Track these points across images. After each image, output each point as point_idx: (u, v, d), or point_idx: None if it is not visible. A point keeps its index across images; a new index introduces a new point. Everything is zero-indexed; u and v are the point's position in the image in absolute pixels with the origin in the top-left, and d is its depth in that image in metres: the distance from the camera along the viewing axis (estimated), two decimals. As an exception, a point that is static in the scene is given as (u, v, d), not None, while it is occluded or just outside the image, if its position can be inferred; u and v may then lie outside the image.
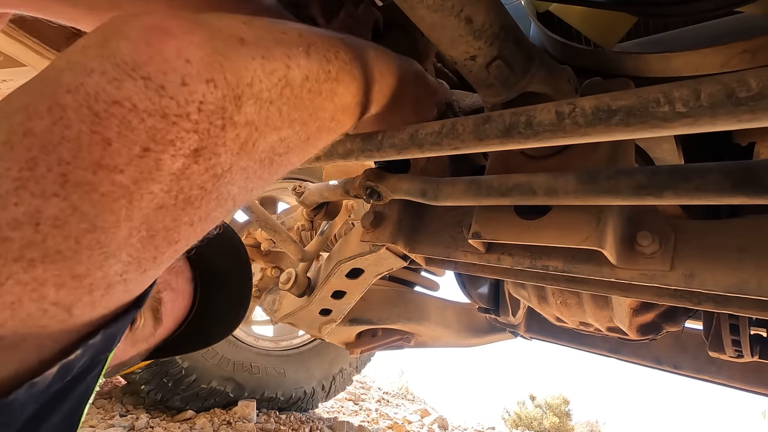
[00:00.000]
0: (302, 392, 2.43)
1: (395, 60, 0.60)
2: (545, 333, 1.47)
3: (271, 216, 1.41)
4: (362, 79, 0.50)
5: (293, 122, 0.39)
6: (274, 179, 0.42)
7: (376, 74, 0.53)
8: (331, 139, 0.49)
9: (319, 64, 0.42)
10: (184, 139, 0.30)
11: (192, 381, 2.02)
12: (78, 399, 0.37)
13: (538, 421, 11.57)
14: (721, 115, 0.34)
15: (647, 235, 0.61)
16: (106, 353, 0.38)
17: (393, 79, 0.58)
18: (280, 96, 0.37)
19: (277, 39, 0.38)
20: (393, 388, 5.63)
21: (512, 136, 0.46)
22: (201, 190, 0.33)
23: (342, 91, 0.46)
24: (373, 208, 0.94)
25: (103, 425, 1.79)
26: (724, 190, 0.43)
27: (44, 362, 0.31)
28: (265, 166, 0.39)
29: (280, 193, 2.40)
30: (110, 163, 0.28)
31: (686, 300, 0.68)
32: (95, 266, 0.29)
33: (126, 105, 0.28)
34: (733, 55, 0.61)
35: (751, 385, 1.09)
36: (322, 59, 0.42)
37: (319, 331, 1.29)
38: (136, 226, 0.30)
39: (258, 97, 0.35)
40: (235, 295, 0.88)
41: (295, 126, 0.40)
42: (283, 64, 0.37)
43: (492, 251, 0.77)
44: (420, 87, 0.67)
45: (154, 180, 0.30)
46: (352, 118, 0.51)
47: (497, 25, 0.54)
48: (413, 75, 0.65)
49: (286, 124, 0.38)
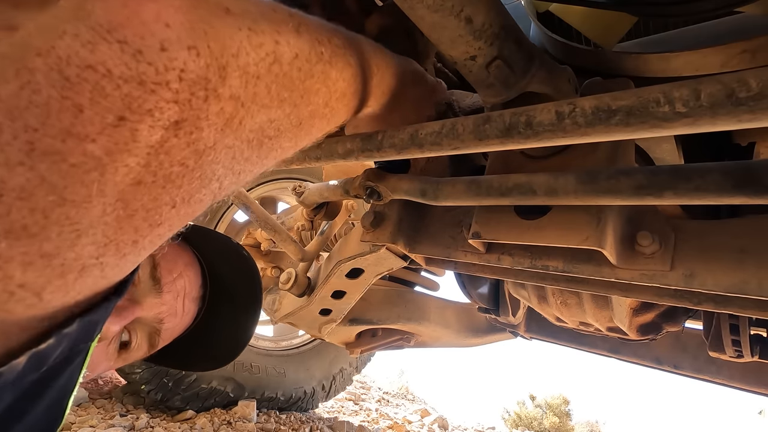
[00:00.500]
0: (302, 392, 2.43)
1: (393, 57, 0.59)
2: (545, 333, 1.47)
3: (271, 216, 1.41)
4: (358, 67, 0.48)
5: (283, 102, 0.37)
6: (264, 164, 0.40)
7: (372, 66, 0.52)
8: (325, 127, 0.47)
9: (311, 45, 0.39)
10: (163, 109, 0.28)
11: (192, 381, 2.02)
12: (60, 390, 0.36)
13: (538, 421, 11.57)
14: (721, 115, 0.34)
15: (647, 235, 0.61)
16: (87, 343, 0.36)
17: (391, 76, 0.57)
18: (269, 72, 0.35)
19: (265, 13, 0.35)
20: (393, 388, 5.63)
21: (512, 136, 0.46)
22: (182, 167, 0.31)
23: (336, 76, 0.44)
24: (373, 208, 0.94)
25: (103, 425, 1.79)
26: (724, 190, 0.43)
27: (11, 351, 0.30)
28: (253, 148, 0.36)
29: (280, 193, 2.40)
30: (81, 132, 0.26)
31: (686, 300, 0.68)
32: (66, 245, 0.27)
33: (100, 70, 0.26)
34: (733, 55, 0.61)
35: (751, 385, 1.09)
36: (314, 41, 0.40)
37: (319, 331, 1.29)
38: (111, 202, 0.28)
39: (244, 70, 0.32)
40: (242, 316, 0.86)
41: (285, 107, 0.37)
42: (272, 39, 0.35)
43: (492, 251, 0.77)
44: (419, 86, 0.66)
45: (130, 152, 0.28)
46: (347, 108, 0.49)
47: (497, 25, 0.54)
48: (412, 74, 0.64)
49: (275, 103, 0.36)
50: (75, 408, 1.93)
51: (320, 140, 0.75)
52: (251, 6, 0.35)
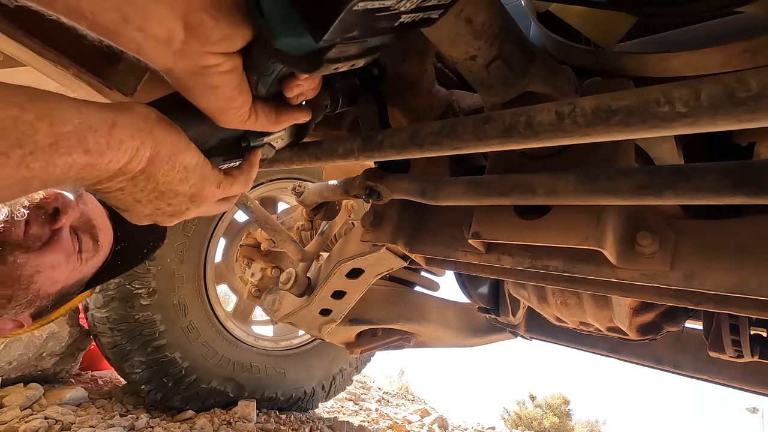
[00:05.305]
0: (302, 392, 2.43)
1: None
2: (545, 333, 1.47)
3: (271, 216, 1.41)
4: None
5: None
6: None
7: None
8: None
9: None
10: None
11: (192, 381, 2.02)
12: None
13: (538, 421, 11.58)
14: (720, 115, 0.34)
15: (647, 235, 0.61)
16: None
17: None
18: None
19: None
20: (393, 388, 5.63)
21: (512, 136, 0.46)
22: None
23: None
24: (373, 208, 0.94)
25: (103, 425, 1.79)
26: (724, 190, 0.43)
27: None
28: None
29: (280, 193, 2.40)
30: None
31: (686, 300, 0.68)
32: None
33: None
34: (733, 55, 0.61)
35: (751, 385, 1.09)
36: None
37: (319, 331, 1.29)
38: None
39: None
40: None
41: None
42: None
43: (492, 251, 0.77)
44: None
45: None
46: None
47: (497, 25, 0.54)
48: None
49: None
50: (75, 408, 1.93)
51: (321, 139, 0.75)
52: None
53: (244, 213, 1.30)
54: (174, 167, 0.46)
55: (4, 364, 1.95)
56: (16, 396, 1.86)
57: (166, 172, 0.46)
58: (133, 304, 1.86)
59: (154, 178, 0.46)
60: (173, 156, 0.46)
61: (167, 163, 0.46)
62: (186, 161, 0.47)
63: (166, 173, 0.46)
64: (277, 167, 0.82)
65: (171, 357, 1.95)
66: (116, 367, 2.01)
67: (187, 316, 2.00)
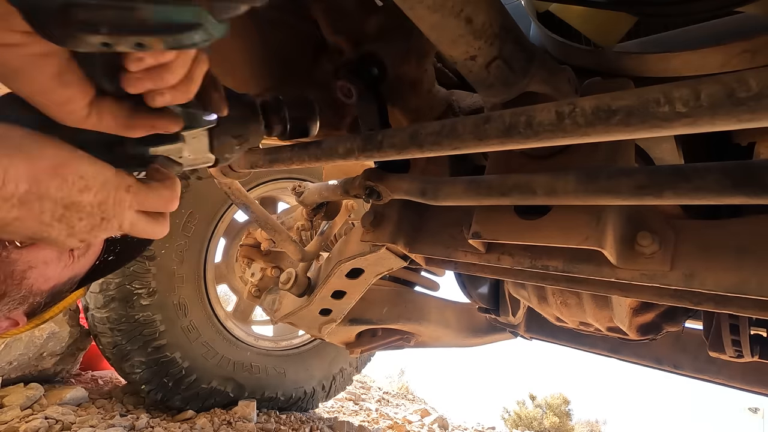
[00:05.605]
0: (302, 392, 2.43)
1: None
2: (545, 333, 1.47)
3: (271, 216, 1.41)
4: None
5: None
6: None
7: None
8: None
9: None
10: None
11: (192, 381, 2.02)
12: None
13: (538, 421, 11.58)
14: (720, 115, 0.34)
15: (647, 235, 0.61)
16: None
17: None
18: None
19: None
20: (393, 387, 5.63)
21: (512, 136, 0.46)
22: None
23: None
24: (373, 208, 0.94)
25: (103, 425, 1.79)
26: (724, 190, 0.43)
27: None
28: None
29: (280, 193, 2.40)
30: None
31: (686, 300, 0.68)
32: None
33: None
34: (733, 55, 0.61)
35: (751, 385, 1.09)
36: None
37: (319, 331, 1.29)
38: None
39: None
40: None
41: None
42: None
43: (492, 251, 0.77)
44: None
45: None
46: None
47: (497, 25, 0.54)
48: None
49: None
50: (75, 408, 1.93)
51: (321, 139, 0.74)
52: None
53: (244, 213, 1.30)
54: (66, 179, 0.41)
55: (4, 364, 1.95)
56: (16, 396, 1.86)
57: (59, 186, 0.41)
58: (133, 304, 1.86)
59: (48, 196, 0.41)
60: (59, 167, 0.41)
61: (57, 177, 0.41)
62: (80, 170, 0.42)
63: (59, 187, 0.41)
64: (277, 167, 0.82)
65: (171, 357, 1.95)
66: (116, 367, 2.01)
67: (187, 316, 2.00)
